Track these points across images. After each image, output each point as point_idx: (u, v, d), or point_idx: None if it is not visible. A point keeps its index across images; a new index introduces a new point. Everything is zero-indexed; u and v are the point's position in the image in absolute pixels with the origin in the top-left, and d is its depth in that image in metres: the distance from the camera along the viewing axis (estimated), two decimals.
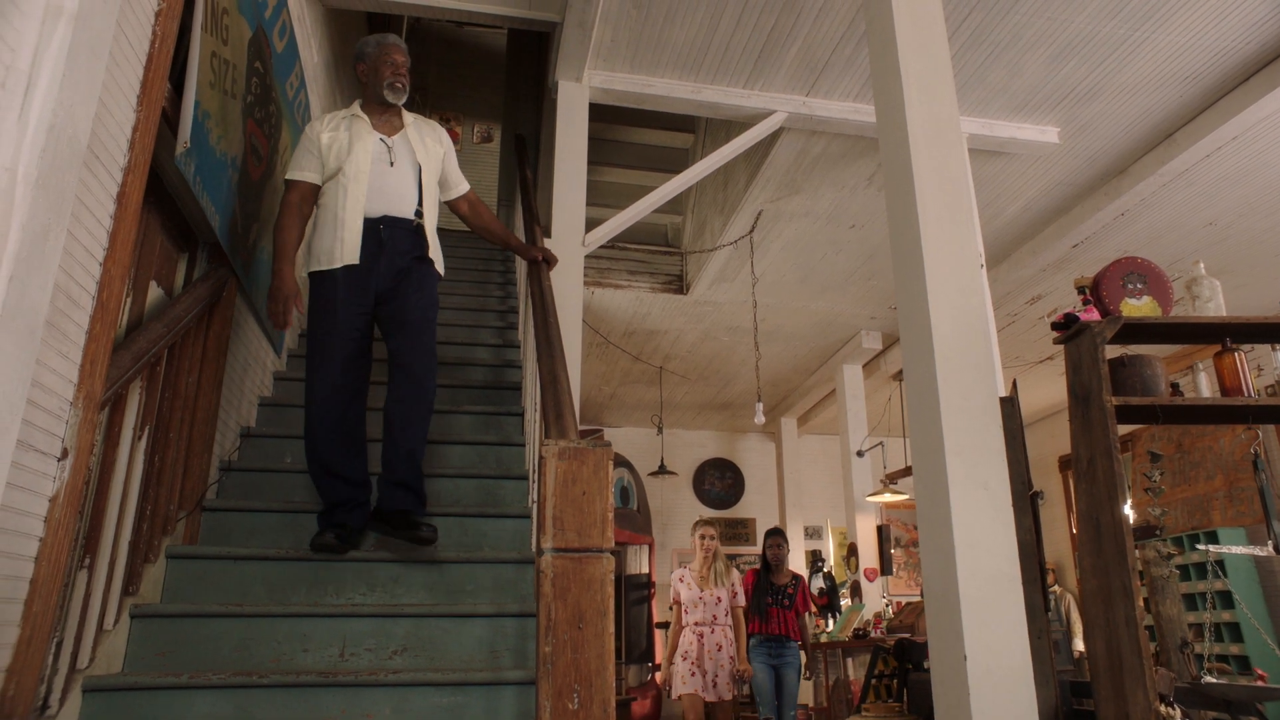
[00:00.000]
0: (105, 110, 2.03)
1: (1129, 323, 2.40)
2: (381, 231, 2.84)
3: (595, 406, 9.73)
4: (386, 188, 2.89)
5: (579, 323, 3.86)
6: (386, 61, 2.99)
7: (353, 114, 2.99)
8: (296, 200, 2.89)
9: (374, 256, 2.82)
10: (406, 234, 2.90)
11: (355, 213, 2.82)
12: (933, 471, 2.36)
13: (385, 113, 3.02)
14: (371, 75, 3.01)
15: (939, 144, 2.63)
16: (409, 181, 2.94)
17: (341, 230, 2.81)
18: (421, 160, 2.99)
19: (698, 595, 5.29)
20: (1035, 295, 6.48)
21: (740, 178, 5.36)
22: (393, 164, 2.92)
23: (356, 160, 2.87)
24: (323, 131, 2.93)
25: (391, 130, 3.01)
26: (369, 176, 2.86)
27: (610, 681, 1.60)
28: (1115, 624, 2.20)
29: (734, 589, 5.38)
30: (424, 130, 3.11)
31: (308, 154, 2.91)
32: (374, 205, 2.85)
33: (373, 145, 2.92)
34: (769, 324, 7.21)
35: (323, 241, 2.84)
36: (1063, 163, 4.97)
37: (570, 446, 1.71)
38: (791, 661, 5.42)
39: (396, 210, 2.89)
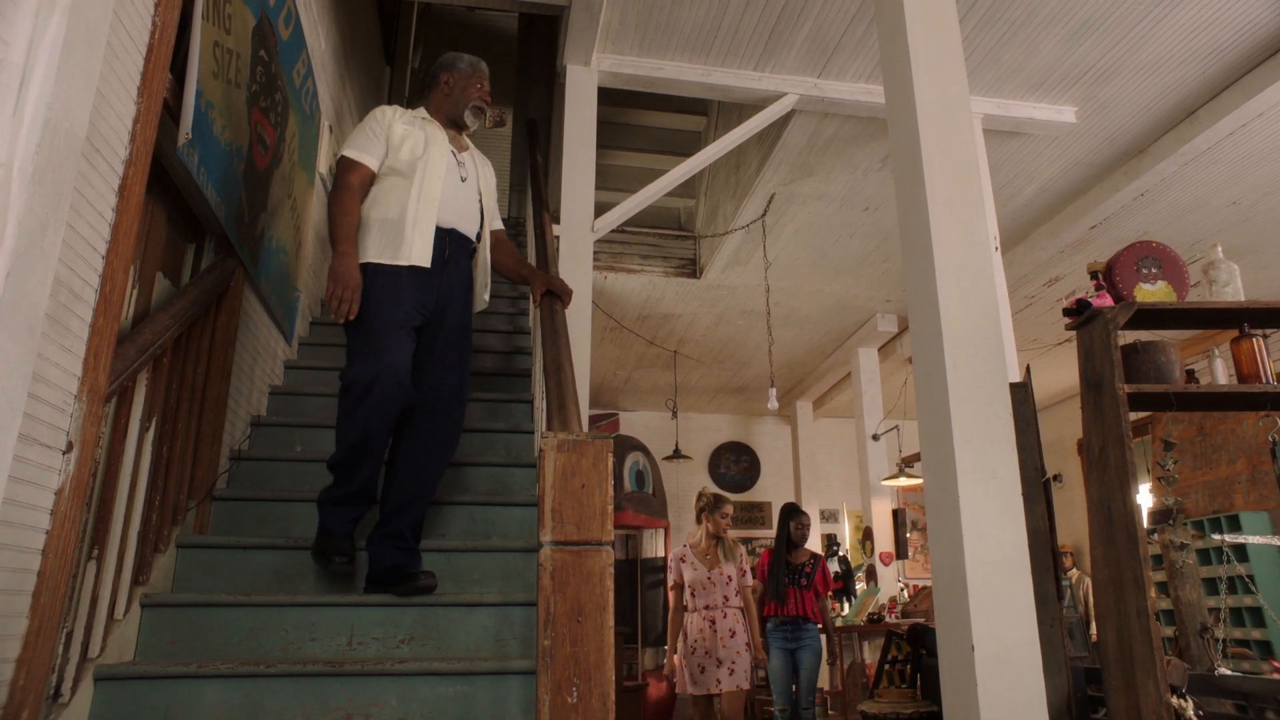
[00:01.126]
0: (104, 102, 2.03)
1: (1142, 308, 2.35)
2: (448, 244, 2.71)
3: (610, 391, 9.73)
4: (459, 201, 2.77)
5: (588, 309, 3.85)
6: (477, 83, 2.92)
7: (423, 117, 2.86)
8: (357, 183, 2.70)
9: (437, 267, 2.66)
10: (466, 255, 2.80)
11: (429, 215, 2.66)
12: (941, 460, 2.33)
13: (450, 130, 2.91)
14: (458, 91, 2.91)
15: (949, 126, 2.58)
16: (474, 203, 2.84)
17: (413, 230, 2.63)
18: (484, 184, 2.91)
19: (705, 576, 4.76)
20: (1053, 277, 6.39)
21: (752, 161, 5.31)
22: (464, 180, 2.81)
23: (433, 161, 2.71)
24: (396, 121, 2.78)
25: (460, 147, 2.90)
26: (444, 182, 2.72)
27: (610, 675, 1.60)
28: (1126, 614, 2.17)
29: (742, 569, 4.86)
30: (479, 159, 3.01)
31: (374, 138, 2.74)
32: (445, 214, 2.72)
33: (447, 153, 2.78)
34: (783, 307, 7.16)
35: (387, 235, 2.64)
36: (1080, 142, 4.88)
37: (569, 439, 1.70)
38: (810, 644, 5.07)
39: (464, 227, 2.78)
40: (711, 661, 4.61)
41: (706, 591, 4.72)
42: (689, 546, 4.88)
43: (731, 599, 4.73)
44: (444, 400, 2.66)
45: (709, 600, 4.70)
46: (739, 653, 4.62)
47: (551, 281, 2.85)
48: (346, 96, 4.96)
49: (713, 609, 4.70)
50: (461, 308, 2.75)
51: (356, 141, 2.75)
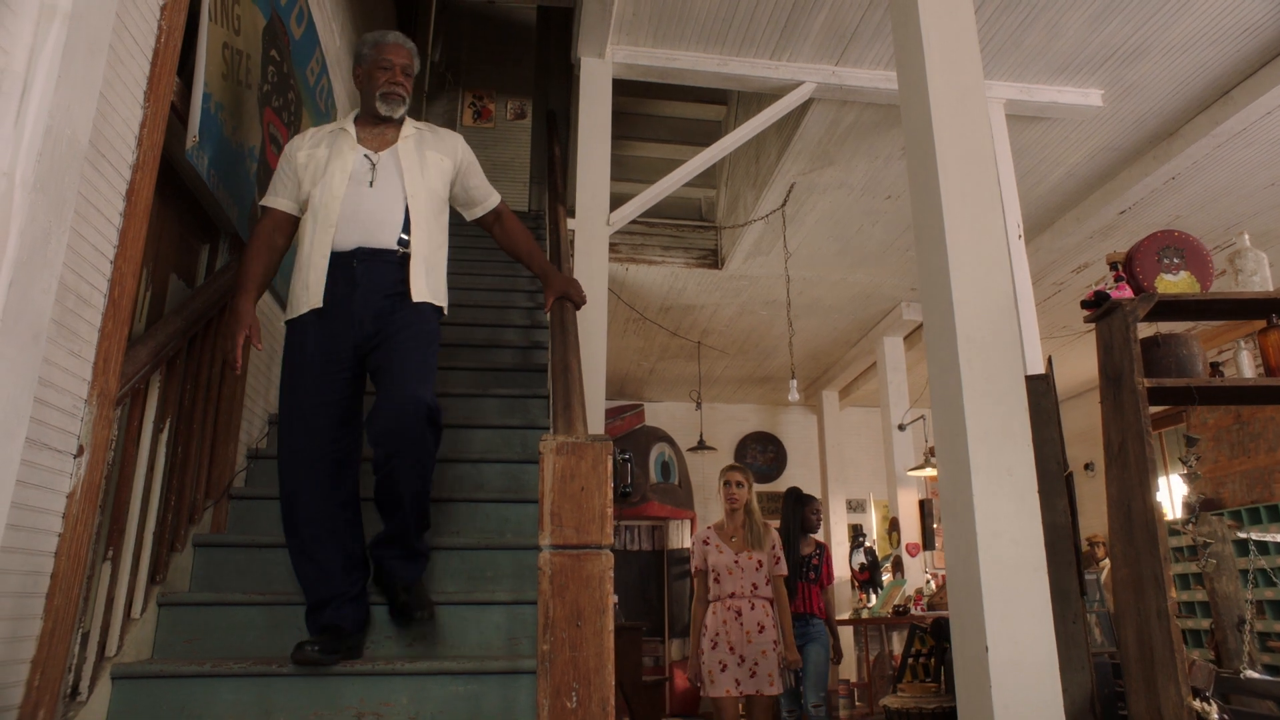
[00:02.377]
0: (110, 108, 2.04)
1: (1163, 300, 2.29)
2: (355, 267, 2.40)
3: (635, 382, 9.72)
4: (362, 212, 2.43)
5: (604, 304, 3.83)
6: (382, 65, 2.54)
7: (340, 127, 2.57)
8: (267, 230, 2.51)
9: (345, 297, 2.38)
10: (387, 268, 2.43)
11: (322, 244, 2.41)
12: (955, 457, 2.29)
13: (378, 125, 2.58)
14: (364, 80, 2.58)
15: (963, 115, 2.52)
16: (392, 204, 2.47)
17: (308, 268, 2.41)
18: (410, 178, 2.50)
19: (732, 560, 4.06)
20: (1081, 264, 6.26)
21: (772, 150, 5.25)
22: (373, 184, 2.46)
23: (330, 182, 2.45)
24: (302, 148, 2.52)
25: (381, 144, 2.54)
26: (342, 201, 2.43)
27: (609, 680, 1.59)
28: (1146, 614, 2.12)
29: (775, 554, 4.15)
30: (428, 142, 2.61)
31: (283, 177, 2.53)
32: (346, 234, 2.41)
33: (352, 163, 2.48)
34: (807, 297, 7.10)
35: (295, 284, 2.45)
36: (1108, 126, 4.76)
37: (569, 441, 1.68)
38: (815, 636, 4.72)
39: (374, 239, 2.42)
40: (734, 659, 3.93)
41: (732, 578, 4.03)
42: (713, 528, 4.23)
43: (760, 588, 4.02)
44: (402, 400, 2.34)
45: (734, 588, 4.01)
46: (765, 652, 3.93)
47: (567, 286, 2.67)
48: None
49: (738, 598, 4.00)
50: (402, 325, 2.41)
51: (270, 185, 2.58)
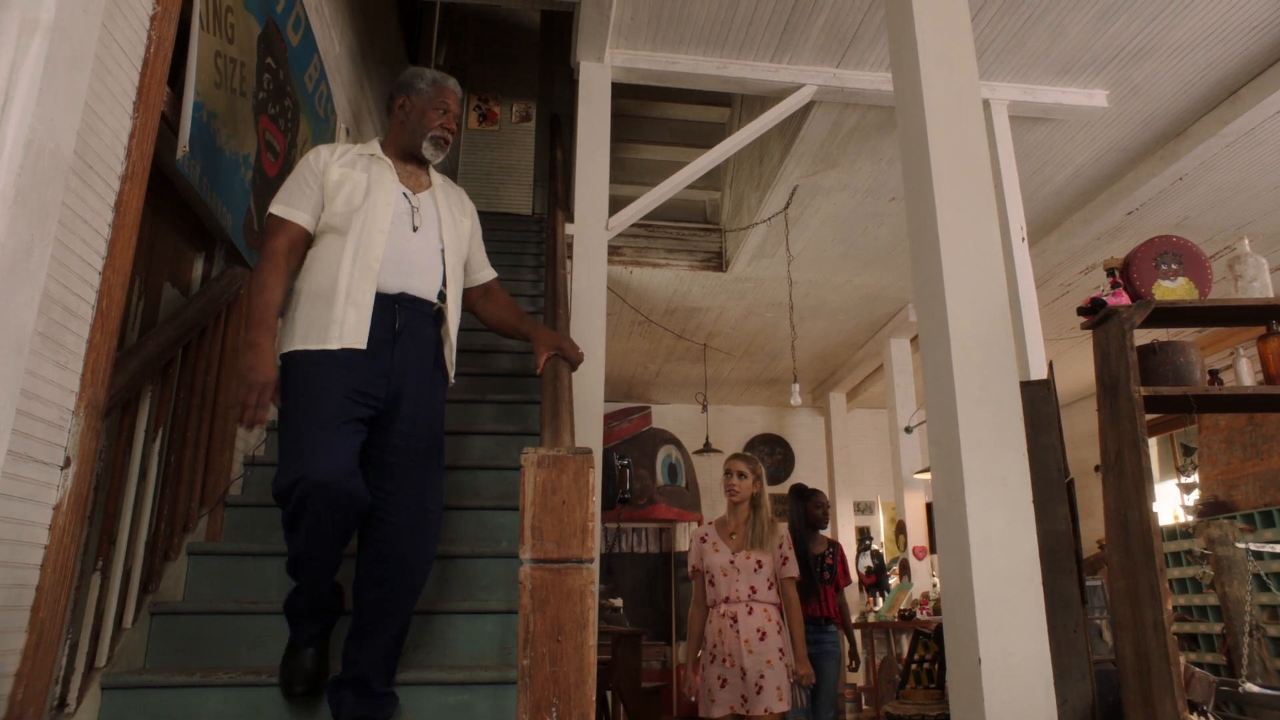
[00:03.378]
0: (97, 119, 2.04)
1: (1161, 307, 2.25)
2: (398, 312, 2.20)
3: (642, 384, 9.71)
4: (408, 256, 2.24)
5: (602, 309, 3.82)
6: (439, 106, 2.35)
7: (371, 153, 2.36)
8: (284, 248, 2.21)
9: (385, 344, 2.17)
10: (426, 322, 2.27)
11: (367, 280, 2.16)
12: (948, 466, 2.27)
13: (409, 164, 2.40)
14: (415, 117, 2.36)
15: (958, 120, 2.50)
16: (433, 254, 2.30)
17: (346, 302, 2.14)
18: (447, 231, 2.35)
19: (728, 560, 3.55)
20: (1089, 265, 6.20)
21: (774, 153, 5.22)
22: (416, 228, 2.27)
23: (375, 212, 2.22)
24: (332, 163, 2.29)
25: (417, 186, 2.37)
26: (387, 236, 2.22)
27: (590, 696, 1.57)
28: (1143, 626, 2.09)
29: (783, 553, 3.63)
30: (452, 196, 2.48)
31: (305, 188, 2.26)
32: (391, 276, 2.21)
33: (395, 198, 2.28)
34: (812, 299, 7.07)
35: (315, 312, 2.15)
36: (1113, 127, 4.71)
37: (550, 455, 1.67)
38: (830, 649, 4.35)
39: (418, 287, 2.25)
40: (734, 673, 3.41)
41: (726, 580, 3.51)
42: (714, 524, 3.76)
43: (762, 592, 3.51)
44: (407, 512, 2.15)
45: (729, 591, 3.50)
46: (770, 662, 3.39)
47: (561, 343, 2.44)
48: (365, 97, 4.98)
49: (734, 603, 3.49)
50: (426, 394, 2.24)
51: (284, 193, 2.27)
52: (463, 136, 7.96)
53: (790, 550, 3.65)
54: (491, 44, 8.28)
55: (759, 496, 3.69)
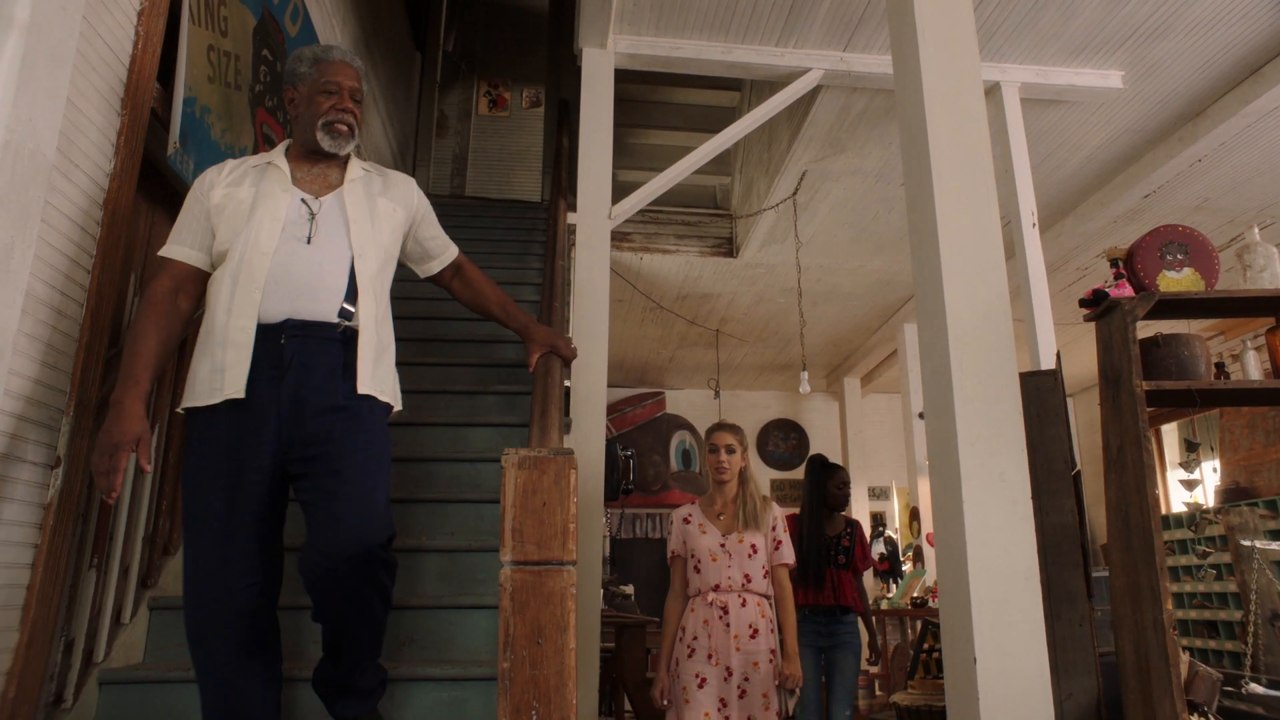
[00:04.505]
0: (83, 117, 2.04)
1: (1164, 298, 2.20)
2: (283, 344, 1.86)
3: (656, 370, 9.69)
4: (294, 273, 1.90)
5: (605, 299, 3.79)
6: (323, 87, 2.01)
7: (268, 161, 2.05)
8: (166, 290, 1.92)
9: (271, 384, 1.84)
10: (326, 347, 1.90)
11: (243, 314, 1.85)
12: (945, 462, 2.23)
13: (319, 163, 2.06)
14: (303, 105, 2.04)
15: (958, 106, 2.44)
16: (335, 264, 1.95)
17: (225, 344, 1.85)
18: (358, 231, 2.00)
19: (718, 543, 3.05)
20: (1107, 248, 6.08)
21: (783, 138, 5.16)
22: (310, 239, 1.94)
23: (256, 233, 1.91)
24: (216, 186, 1.98)
25: (322, 187, 2.03)
26: (271, 257, 1.89)
27: (570, 699, 1.56)
28: (1143, 626, 2.05)
29: (776, 537, 3.10)
30: (377, 187, 2.12)
31: (190, 219, 1.98)
32: (274, 302, 1.87)
33: (285, 209, 1.95)
34: (824, 285, 7.00)
35: (200, 361, 1.89)
36: (1129, 108, 4.61)
37: (531, 455, 1.65)
38: (848, 641, 3.88)
39: (308, 309, 1.89)
40: (717, 672, 2.89)
41: (716, 566, 3.01)
42: (698, 503, 3.25)
43: (756, 581, 3.01)
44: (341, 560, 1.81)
45: (720, 579, 2.99)
46: (758, 664, 2.90)
47: (554, 339, 2.25)
48: (370, 87, 4.96)
49: (724, 592, 2.98)
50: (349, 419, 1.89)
51: (173, 231, 2.01)
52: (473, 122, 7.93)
53: (785, 533, 3.14)
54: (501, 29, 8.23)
55: (746, 470, 3.21)
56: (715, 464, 3.19)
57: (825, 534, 4.13)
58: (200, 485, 1.84)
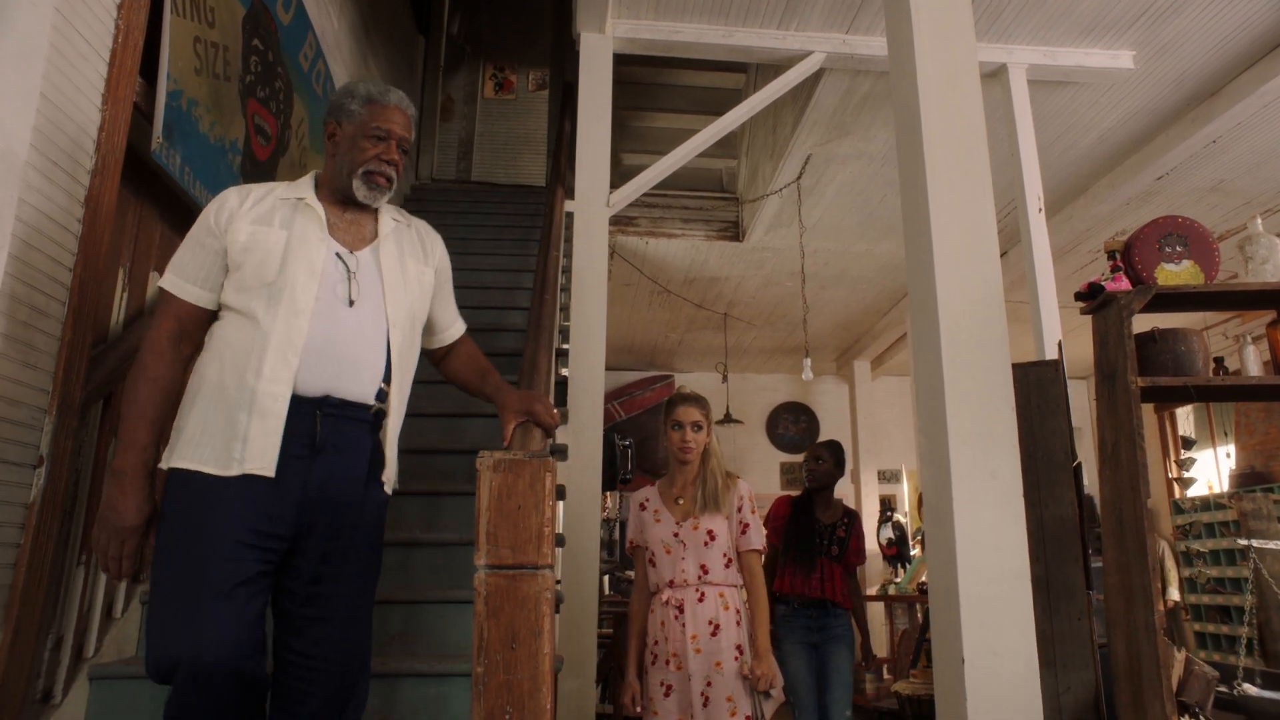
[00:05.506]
0: (61, 114, 2.02)
1: (1162, 292, 2.14)
2: (319, 424, 1.67)
3: (665, 353, 9.67)
4: (337, 342, 1.69)
5: (603, 289, 3.76)
6: (374, 133, 1.80)
7: (298, 197, 1.79)
8: (173, 333, 1.70)
9: (299, 465, 1.65)
10: (359, 430, 1.73)
11: (277, 380, 1.63)
12: (936, 459, 2.20)
13: (349, 209, 1.84)
14: (345, 147, 1.81)
15: (953, 93, 2.38)
16: (374, 336, 1.75)
17: (251, 412, 1.62)
18: (395, 300, 1.80)
19: (671, 532, 2.66)
20: (1118, 231, 5.98)
21: (787, 121, 5.08)
22: (353, 303, 1.73)
23: (295, 286, 1.68)
24: (240, 216, 1.72)
25: (357, 239, 1.81)
26: (311, 319, 1.67)
27: (544, 704, 1.55)
28: (1135, 627, 2.02)
29: (742, 519, 2.68)
30: (406, 242, 1.91)
31: (201, 252, 1.72)
32: (313, 374, 1.66)
33: (322, 262, 1.72)
34: (833, 268, 6.94)
35: (211, 420, 1.63)
36: (1141, 88, 4.50)
37: (506, 458, 1.63)
38: (840, 634, 3.55)
39: (348, 388, 1.71)
40: (679, 679, 2.54)
41: (670, 559, 2.64)
42: (657, 485, 2.82)
43: (716, 570, 2.62)
44: (320, 681, 1.68)
45: (674, 573, 2.63)
46: (720, 665, 2.52)
47: (532, 403, 1.91)
48: (369, 73, 4.92)
49: (679, 588, 2.61)
50: (350, 525, 1.72)
51: (177, 258, 1.74)
52: (479, 106, 7.88)
53: (754, 515, 2.71)
54: (507, 10, 8.15)
55: (709, 445, 2.77)
56: (679, 443, 2.71)
57: (816, 519, 3.74)
58: (203, 543, 1.57)
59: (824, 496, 3.82)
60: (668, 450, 2.77)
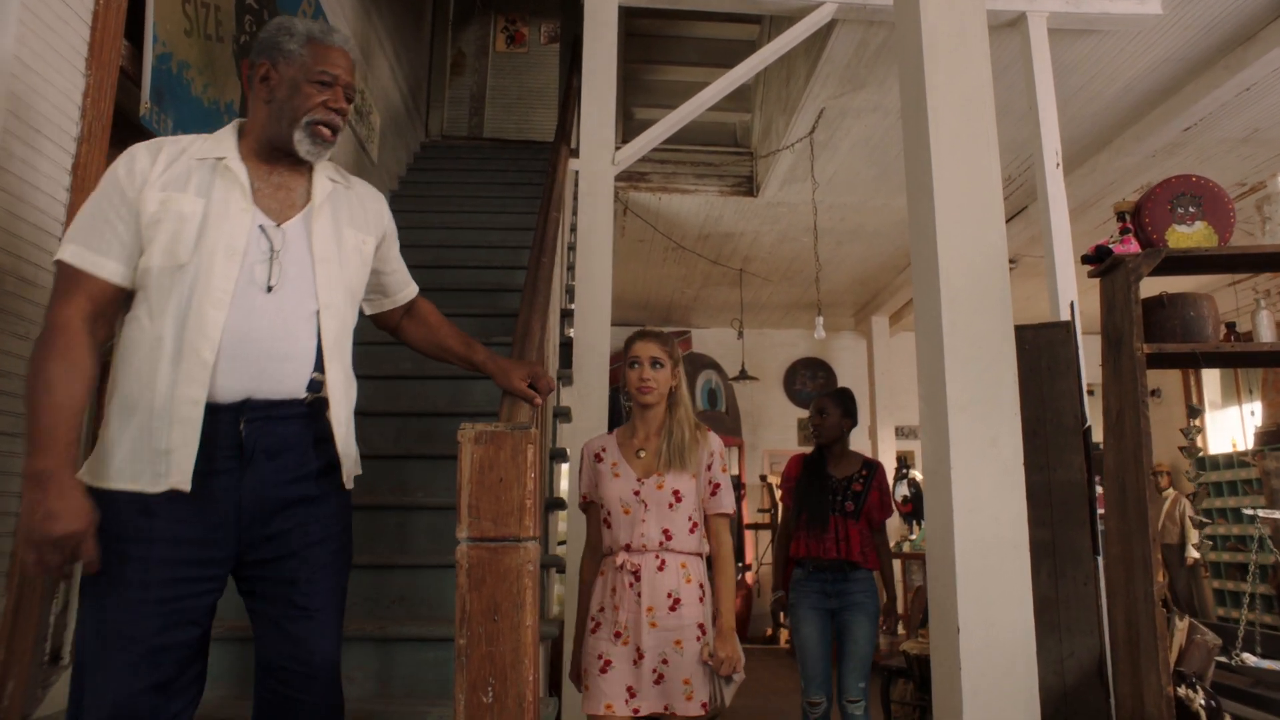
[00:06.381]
0: (42, 81, 2.00)
1: (1172, 255, 2.06)
2: (242, 430, 1.48)
3: (681, 309, 9.62)
4: (255, 338, 1.49)
5: (608, 249, 3.71)
6: (318, 76, 1.57)
7: (217, 156, 1.55)
8: (84, 315, 1.46)
9: (229, 476, 1.47)
10: (292, 428, 1.54)
11: (191, 383, 1.44)
12: (935, 425, 2.16)
13: (278, 167, 1.60)
14: (284, 93, 1.57)
15: (960, 47, 2.28)
16: (300, 321, 1.54)
17: (169, 420, 1.43)
18: (327, 275, 1.58)
19: (631, 490, 2.29)
20: (1144, 184, 5.81)
21: (800, 74, 4.95)
22: (271, 287, 1.51)
23: (209, 269, 1.46)
24: (150, 180, 1.49)
25: (284, 206, 1.58)
26: (227, 310, 1.46)
27: (527, 675, 1.56)
28: (1134, 598, 1.98)
29: (712, 478, 2.33)
30: (343, 204, 1.68)
31: (112, 217, 1.48)
32: (230, 377, 1.47)
33: (244, 237, 1.50)
34: (849, 224, 6.82)
35: (126, 431, 1.45)
36: (1170, 35, 4.32)
37: (487, 430, 1.62)
38: (861, 601, 3.26)
39: (272, 387, 1.51)
40: (626, 654, 2.20)
41: (629, 520, 2.28)
42: (614, 435, 2.46)
43: (680, 537, 2.27)
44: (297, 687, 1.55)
45: (632, 536, 2.26)
46: (680, 644, 2.19)
47: (534, 369, 1.86)
48: (374, 28, 4.84)
49: (638, 552, 2.26)
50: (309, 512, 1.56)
51: (77, 226, 1.50)
52: (490, 60, 7.76)
53: (724, 474, 2.38)
54: None
55: (676, 391, 2.40)
56: (636, 381, 2.34)
57: (828, 475, 3.43)
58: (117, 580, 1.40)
59: (836, 450, 3.50)
60: (629, 394, 2.40)
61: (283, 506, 1.53)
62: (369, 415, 3.15)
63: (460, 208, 5.28)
